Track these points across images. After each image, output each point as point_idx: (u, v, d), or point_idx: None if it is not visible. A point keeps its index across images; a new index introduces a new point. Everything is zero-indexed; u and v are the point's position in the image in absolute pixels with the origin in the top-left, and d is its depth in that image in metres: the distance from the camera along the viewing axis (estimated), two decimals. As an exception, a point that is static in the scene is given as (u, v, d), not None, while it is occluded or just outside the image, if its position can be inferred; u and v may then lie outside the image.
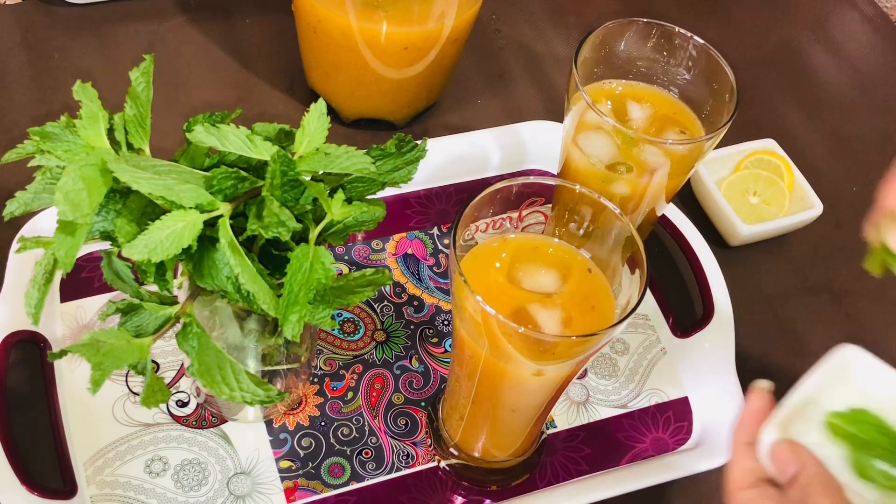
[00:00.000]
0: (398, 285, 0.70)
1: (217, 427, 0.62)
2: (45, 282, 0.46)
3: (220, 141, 0.46)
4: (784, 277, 0.77)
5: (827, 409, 0.46)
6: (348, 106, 0.78)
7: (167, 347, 0.65)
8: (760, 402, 0.49)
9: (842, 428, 0.46)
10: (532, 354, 0.49)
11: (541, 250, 0.54)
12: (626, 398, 0.68)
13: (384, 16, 0.68)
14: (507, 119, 0.81)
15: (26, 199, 0.47)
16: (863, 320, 0.76)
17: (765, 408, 0.48)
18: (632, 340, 0.71)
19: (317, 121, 0.47)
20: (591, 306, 0.52)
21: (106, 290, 0.66)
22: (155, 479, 0.59)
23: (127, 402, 0.62)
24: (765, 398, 0.49)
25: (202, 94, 0.80)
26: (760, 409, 0.48)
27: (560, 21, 0.92)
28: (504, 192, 0.52)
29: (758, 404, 0.49)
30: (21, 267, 0.62)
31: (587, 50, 0.61)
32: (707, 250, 0.72)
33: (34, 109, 0.76)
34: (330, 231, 0.49)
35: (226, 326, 0.53)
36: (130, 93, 0.47)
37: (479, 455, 0.61)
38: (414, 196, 0.75)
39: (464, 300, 0.48)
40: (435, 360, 0.67)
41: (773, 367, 0.72)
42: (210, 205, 0.44)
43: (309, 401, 0.64)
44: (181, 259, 0.45)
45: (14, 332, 0.60)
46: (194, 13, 0.86)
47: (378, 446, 0.63)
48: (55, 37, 0.81)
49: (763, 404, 0.49)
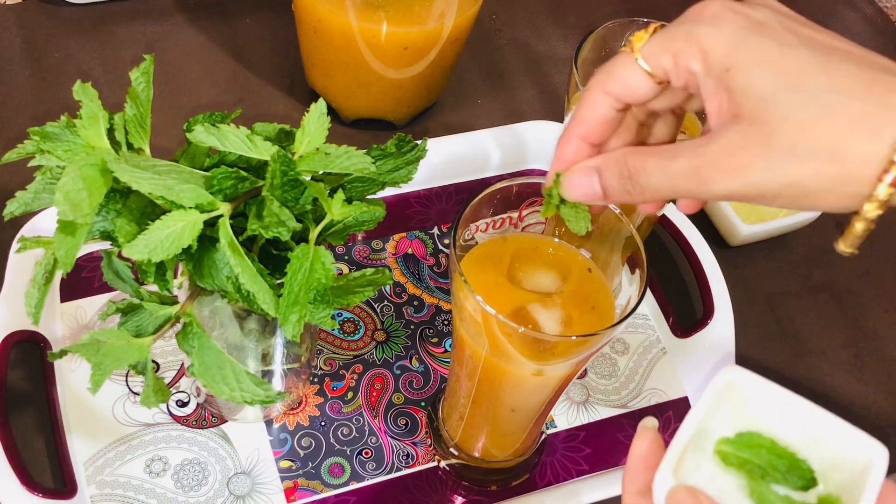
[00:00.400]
0: (398, 285, 0.70)
1: (217, 427, 0.62)
2: (45, 282, 0.46)
3: (220, 141, 0.46)
4: (784, 277, 0.77)
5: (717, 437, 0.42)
6: (348, 106, 0.78)
7: (167, 347, 0.65)
8: (649, 444, 0.43)
9: (734, 454, 0.42)
10: (532, 354, 0.49)
11: (541, 250, 0.54)
12: (626, 398, 0.68)
13: (384, 16, 0.68)
14: (507, 119, 0.81)
15: (26, 199, 0.47)
16: (863, 320, 0.76)
17: (655, 450, 0.43)
18: (632, 340, 0.71)
19: (317, 121, 0.47)
20: (591, 306, 0.52)
21: (106, 290, 0.66)
22: (155, 479, 0.59)
23: (127, 402, 0.62)
24: (653, 438, 0.43)
25: (202, 94, 0.80)
26: (650, 453, 0.43)
27: (560, 21, 0.92)
28: (504, 192, 0.52)
29: (646, 447, 0.43)
30: (21, 267, 0.62)
31: (587, 50, 0.61)
32: (707, 250, 0.72)
33: (34, 109, 0.76)
34: (330, 231, 0.49)
35: (226, 326, 0.53)
36: (130, 93, 0.47)
37: (479, 455, 0.61)
38: (414, 196, 0.75)
39: (464, 300, 0.48)
40: (435, 360, 0.67)
41: (773, 367, 0.72)
42: (210, 205, 0.44)
43: (309, 401, 0.64)
44: (181, 259, 0.45)
45: (14, 332, 0.60)
46: (194, 13, 0.86)
47: (378, 446, 0.63)
48: (55, 37, 0.81)
49: (652, 446, 0.43)
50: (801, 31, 0.37)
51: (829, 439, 0.42)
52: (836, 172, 0.35)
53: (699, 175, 0.38)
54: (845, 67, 0.35)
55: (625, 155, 0.41)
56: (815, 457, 0.42)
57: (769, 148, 0.36)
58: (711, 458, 0.42)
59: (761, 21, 0.37)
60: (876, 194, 0.35)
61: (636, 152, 0.41)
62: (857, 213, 0.36)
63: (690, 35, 0.38)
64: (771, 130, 0.36)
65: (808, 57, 0.36)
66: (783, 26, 0.37)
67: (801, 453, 0.42)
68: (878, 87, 0.35)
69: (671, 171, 0.39)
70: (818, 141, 0.35)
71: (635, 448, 0.44)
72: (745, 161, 0.36)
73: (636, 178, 0.40)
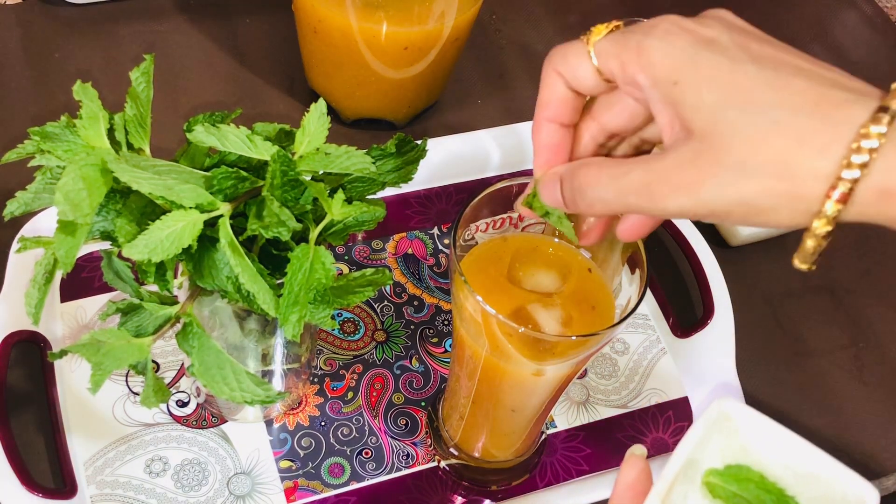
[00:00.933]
0: (398, 285, 0.70)
1: (217, 427, 0.62)
2: (45, 282, 0.46)
3: (220, 141, 0.46)
4: (784, 277, 0.77)
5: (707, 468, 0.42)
6: (348, 106, 0.78)
7: (167, 347, 0.65)
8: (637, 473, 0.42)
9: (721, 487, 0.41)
10: (532, 354, 0.49)
11: (541, 250, 0.54)
12: (626, 398, 0.68)
13: (384, 16, 0.68)
14: (507, 119, 0.81)
15: (26, 199, 0.47)
16: (863, 320, 0.76)
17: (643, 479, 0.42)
18: (632, 340, 0.71)
19: (317, 121, 0.47)
20: (591, 306, 0.52)
21: (106, 290, 0.66)
22: (155, 479, 0.59)
23: (127, 402, 0.62)
24: (641, 467, 0.43)
25: (202, 94, 0.80)
26: (638, 481, 0.42)
27: (560, 21, 0.92)
28: (504, 192, 0.52)
29: (634, 475, 0.42)
30: (21, 267, 0.62)
31: (587, 50, 0.61)
32: (707, 250, 0.72)
33: (34, 109, 0.76)
34: (330, 231, 0.49)
35: (226, 326, 0.53)
36: (130, 93, 0.47)
37: (479, 455, 0.61)
38: (414, 196, 0.75)
39: (464, 300, 0.48)
40: (435, 360, 0.67)
41: (773, 367, 0.72)
42: (210, 205, 0.44)
43: (309, 401, 0.64)
44: (181, 259, 0.45)
45: (14, 332, 0.60)
46: (194, 13, 0.86)
47: (378, 446, 0.63)
48: (55, 37, 0.81)
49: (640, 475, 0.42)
50: (751, 47, 0.37)
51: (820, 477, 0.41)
52: (785, 189, 0.35)
53: (650, 191, 0.37)
54: (794, 83, 0.35)
55: (578, 167, 0.41)
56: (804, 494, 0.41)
57: (719, 165, 0.36)
58: (699, 489, 0.42)
59: (712, 38, 0.37)
60: (824, 210, 0.35)
61: (589, 164, 0.40)
62: (808, 229, 0.36)
63: (640, 46, 0.38)
64: (720, 147, 0.36)
65: (756, 73, 0.36)
66: (734, 42, 0.37)
67: (790, 489, 0.41)
68: (826, 104, 0.35)
69: (623, 186, 0.38)
70: (767, 158, 0.35)
71: (623, 476, 0.43)
72: (696, 178, 0.36)
73: (585, 191, 0.40)
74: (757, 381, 0.70)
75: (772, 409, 0.69)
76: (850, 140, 0.34)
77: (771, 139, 0.35)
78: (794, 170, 0.35)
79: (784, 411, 0.69)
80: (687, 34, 0.37)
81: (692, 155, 0.36)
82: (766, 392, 0.70)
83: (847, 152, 0.34)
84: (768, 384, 0.70)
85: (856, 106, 0.34)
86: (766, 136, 0.35)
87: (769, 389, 0.70)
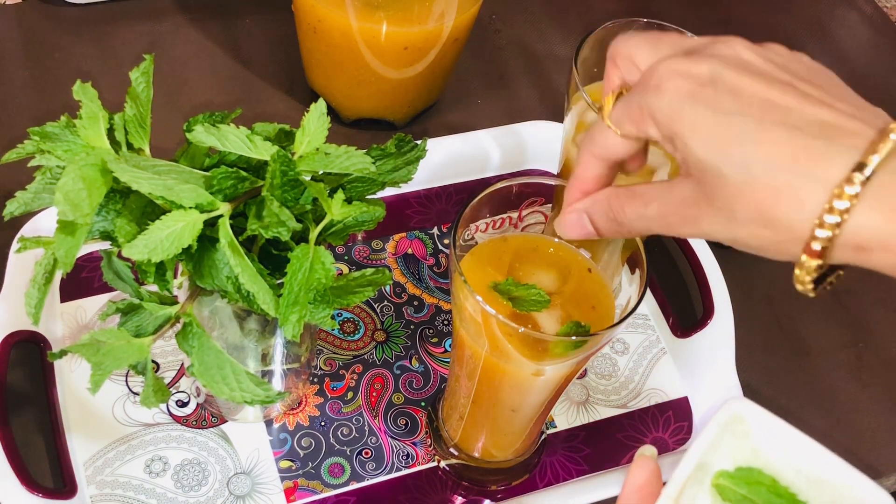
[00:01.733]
0: (398, 285, 0.70)
1: (217, 427, 0.62)
2: (45, 282, 0.46)
3: (220, 141, 0.46)
4: (784, 277, 0.77)
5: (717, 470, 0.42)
6: (348, 106, 0.78)
7: (167, 347, 0.65)
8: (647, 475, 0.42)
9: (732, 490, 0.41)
10: (532, 354, 0.49)
11: (541, 250, 0.54)
12: (626, 398, 0.68)
13: (384, 16, 0.68)
14: (507, 119, 0.81)
15: (26, 199, 0.47)
16: (863, 320, 0.76)
17: (652, 481, 0.42)
18: (632, 340, 0.71)
19: (317, 121, 0.47)
20: (591, 306, 0.52)
21: (106, 290, 0.66)
22: (155, 479, 0.59)
23: (127, 402, 0.62)
24: (651, 468, 0.42)
25: (202, 94, 0.80)
26: (647, 483, 0.42)
27: (560, 21, 0.92)
28: (504, 192, 0.52)
29: (644, 477, 0.42)
30: (21, 267, 0.62)
31: (587, 50, 0.61)
32: (707, 250, 0.72)
33: (34, 109, 0.76)
34: (330, 231, 0.49)
35: (226, 326, 0.53)
36: (130, 93, 0.47)
37: (479, 455, 0.61)
38: (414, 196, 0.75)
39: (464, 300, 0.48)
40: (435, 360, 0.67)
41: (773, 367, 0.72)
42: (210, 205, 0.44)
43: (309, 401, 0.64)
44: (181, 259, 0.45)
45: (14, 332, 0.60)
46: (194, 13, 0.86)
47: (378, 446, 0.63)
48: (55, 37, 0.81)
49: (650, 477, 0.42)
50: (744, 90, 0.38)
51: (833, 482, 0.41)
52: (770, 236, 0.37)
53: (666, 221, 0.41)
54: (776, 135, 0.36)
55: (608, 198, 0.44)
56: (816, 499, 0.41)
57: (712, 207, 0.38)
58: (709, 491, 0.41)
59: (704, 81, 0.38)
60: (802, 262, 0.37)
61: (617, 196, 0.43)
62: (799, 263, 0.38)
63: (641, 106, 0.41)
64: (711, 193, 0.38)
65: (739, 124, 0.37)
66: (728, 87, 0.38)
67: (801, 494, 0.41)
68: (804, 158, 0.36)
69: (645, 216, 0.42)
70: (749, 207, 0.37)
71: (632, 478, 0.43)
72: (697, 214, 0.39)
73: (619, 219, 0.43)
74: (757, 381, 0.70)
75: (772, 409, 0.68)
76: (823, 200, 0.35)
77: (748, 193, 0.37)
78: (774, 222, 0.37)
79: (784, 411, 0.69)
80: (677, 82, 0.39)
81: (692, 195, 0.39)
82: (766, 392, 0.70)
83: (821, 211, 0.35)
84: (768, 384, 0.70)
85: (835, 162, 0.35)
86: (745, 189, 0.37)
87: (769, 389, 0.70)
